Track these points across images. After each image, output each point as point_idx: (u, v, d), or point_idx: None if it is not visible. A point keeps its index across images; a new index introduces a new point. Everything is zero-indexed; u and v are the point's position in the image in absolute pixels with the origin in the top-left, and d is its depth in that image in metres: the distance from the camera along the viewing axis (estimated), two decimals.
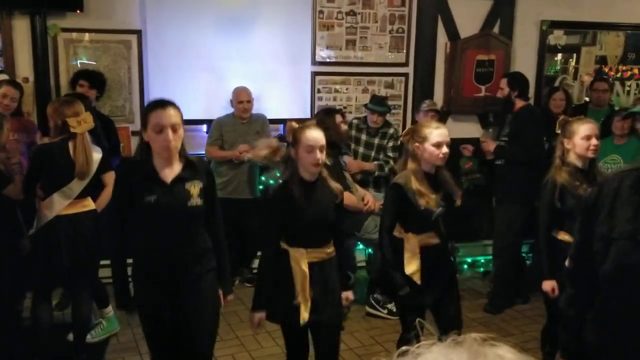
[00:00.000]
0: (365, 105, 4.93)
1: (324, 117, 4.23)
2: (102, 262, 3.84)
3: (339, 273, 2.90)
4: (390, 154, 4.79)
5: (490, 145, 4.58)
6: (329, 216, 2.80)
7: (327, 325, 2.81)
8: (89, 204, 3.43)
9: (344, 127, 4.32)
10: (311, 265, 2.75)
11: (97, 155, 3.41)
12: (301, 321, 2.72)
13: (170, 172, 2.56)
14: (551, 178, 3.21)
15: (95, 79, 4.45)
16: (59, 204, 3.31)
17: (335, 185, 2.85)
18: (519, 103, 4.57)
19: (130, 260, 2.79)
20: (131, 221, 2.63)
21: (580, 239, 1.93)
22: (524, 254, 4.97)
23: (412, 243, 3.03)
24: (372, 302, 4.40)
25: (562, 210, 3.17)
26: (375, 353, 3.77)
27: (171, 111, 2.49)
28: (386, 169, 4.77)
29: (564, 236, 3.18)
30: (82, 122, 3.27)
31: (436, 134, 2.97)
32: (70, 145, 3.30)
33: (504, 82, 4.61)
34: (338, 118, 4.18)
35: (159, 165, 2.56)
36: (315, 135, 2.74)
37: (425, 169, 3.02)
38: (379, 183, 4.81)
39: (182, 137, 2.54)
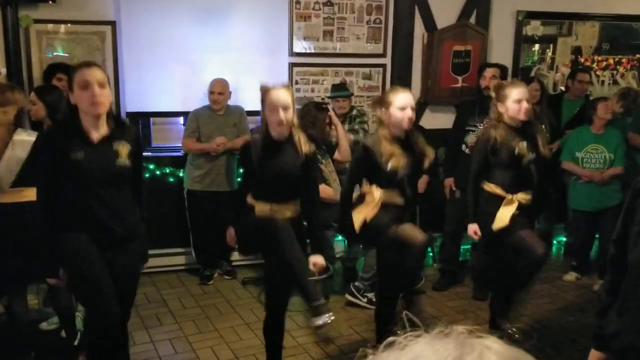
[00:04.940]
0: (328, 97, 4.93)
1: (314, 111, 4.20)
2: None
3: (305, 234, 3.06)
4: (357, 127, 4.78)
5: None
6: (292, 174, 2.93)
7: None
8: (30, 195, 3.13)
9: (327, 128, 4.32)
10: None
11: (23, 137, 3.19)
12: None
13: (97, 132, 2.58)
14: (486, 133, 3.45)
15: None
16: None
17: (305, 146, 2.94)
18: None
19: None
20: (58, 184, 2.59)
21: (623, 224, 1.91)
22: None
23: (375, 194, 3.23)
24: (353, 290, 4.42)
25: (495, 162, 3.42)
26: (354, 343, 3.80)
27: (96, 70, 2.54)
28: (361, 134, 4.73)
29: (492, 188, 3.45)
30: None
31: (400, 97, 3.16)
32: None
33: (496, 72, 4.59)
34: (326, 117, 4.20)
35: (86, 126, 2.56)
36: (279, 95, 2.84)
37: (395, 134, 3.19)
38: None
39: (109, 97, 2.57)
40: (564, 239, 5.72)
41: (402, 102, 3.12)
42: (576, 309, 4.41)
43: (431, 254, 5.36)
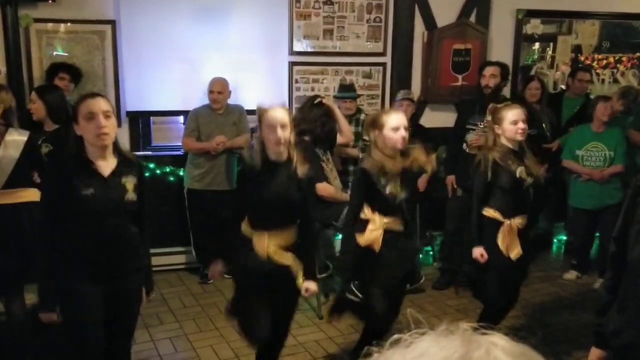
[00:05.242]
0: (335, 96, 4.91)
1: (317, 110, 4.15)
2: None
3: (302, 260, 2.97)
4: (367, 138, 4.76)
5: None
6: (289, 198, 2.86)
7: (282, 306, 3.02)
8: (25, 195, 3.22)
9: None
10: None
11: (15, 137, 3.22)
12: None
13: (106, 165, 2.54)
14: (484, 157, 3.42)
15: (75, 72, 4.41)
16: None
17: (300, 167, 2.89)
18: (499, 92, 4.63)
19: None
20: (63, 214, 2.52)
21: (623, 222, 1.92)
22: None
23: (377, 222, 3.18)
24: (353, 288, 4.40)
25: (495, 186, 3.39)
26: (354, 342, 3.79)
27: (101, 100, 2.51)
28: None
29: (491, 213, 3.42)
30: None
31: (393, 118, 3.13)
32: None
33: (496, 70, 4.59)
34: (327, 109, 4.18)
35: (93, 158, 2.52)
36: (277, 114, 2.80)
37: (390, 155, 3.15)
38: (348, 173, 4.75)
39: (115, 127, 2.54)
40: (564, 238, 5.71)
41: (394, 123, 3.08)
42: (576, 307, 4.42)
43: (431, 253, 5.37)
